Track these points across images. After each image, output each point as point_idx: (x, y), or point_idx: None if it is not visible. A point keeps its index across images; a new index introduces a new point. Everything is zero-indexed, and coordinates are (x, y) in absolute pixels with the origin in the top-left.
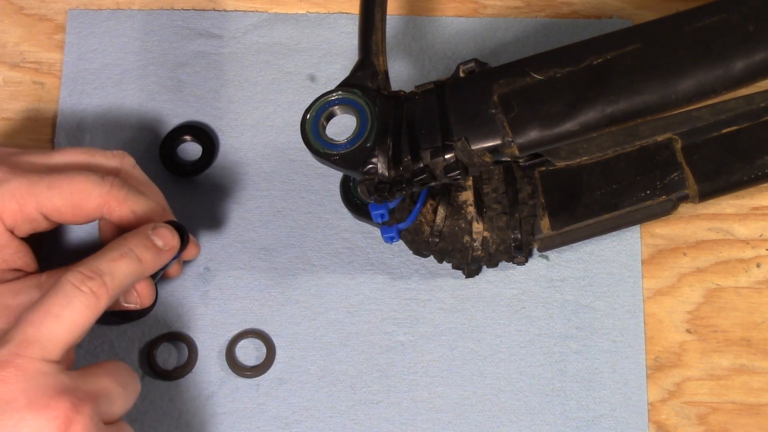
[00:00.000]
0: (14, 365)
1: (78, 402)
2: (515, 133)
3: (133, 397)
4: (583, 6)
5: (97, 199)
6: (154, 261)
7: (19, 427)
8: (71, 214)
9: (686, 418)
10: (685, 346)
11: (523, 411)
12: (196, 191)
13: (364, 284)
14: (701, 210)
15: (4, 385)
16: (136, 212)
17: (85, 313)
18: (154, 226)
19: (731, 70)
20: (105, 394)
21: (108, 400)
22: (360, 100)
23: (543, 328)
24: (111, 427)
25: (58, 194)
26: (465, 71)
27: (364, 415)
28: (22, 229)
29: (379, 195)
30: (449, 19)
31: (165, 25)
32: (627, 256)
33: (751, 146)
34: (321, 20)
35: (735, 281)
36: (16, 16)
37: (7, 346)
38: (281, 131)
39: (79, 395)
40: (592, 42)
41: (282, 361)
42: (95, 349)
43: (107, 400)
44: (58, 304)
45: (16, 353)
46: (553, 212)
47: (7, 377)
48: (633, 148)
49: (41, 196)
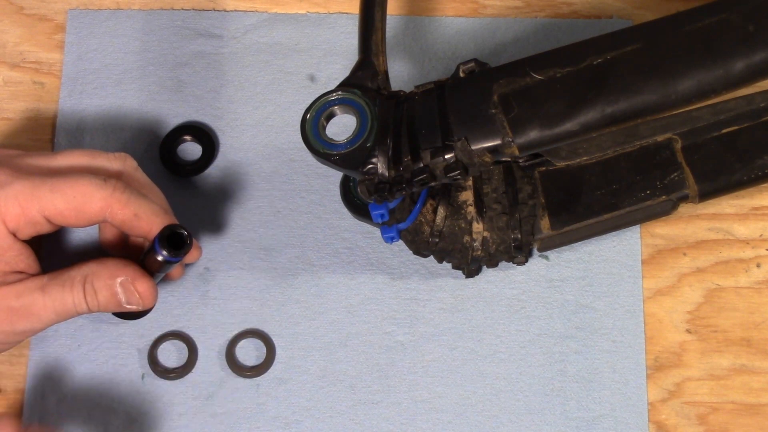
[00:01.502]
0: None
1: None
2: (515, 133)
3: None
4: (583, 6)
5: (99, 203)
6: (107, 306)
7: None
8: (74, 217)
9: (686, 418)
10: (685, 346)
11: (523, 411)
12: (196, 191)
13: (364, 284)
14: (701, 210)
15: None
16: (138, 215)
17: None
18: (134, 278)
19: (731, 70)
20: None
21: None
22: (360, 100)
23: (543, 328)
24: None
25: (60, 197)
26: (465, 71)
27: (364, 415)
28: (25, 232)
29: (379, 195)
30: (449, 19)
31: (165, 25)
32: (627, 256)
33: (751, 146)
34: (321, 20)
35: (735, 281)
36: (16, 16)
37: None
38: (281, 131)
39: None
40: (592, 42)
41: (282, 361)
42: (95, 349)
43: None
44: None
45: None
46: (553, 212)
47: None
48: (633, 148)
49: (44, 199)
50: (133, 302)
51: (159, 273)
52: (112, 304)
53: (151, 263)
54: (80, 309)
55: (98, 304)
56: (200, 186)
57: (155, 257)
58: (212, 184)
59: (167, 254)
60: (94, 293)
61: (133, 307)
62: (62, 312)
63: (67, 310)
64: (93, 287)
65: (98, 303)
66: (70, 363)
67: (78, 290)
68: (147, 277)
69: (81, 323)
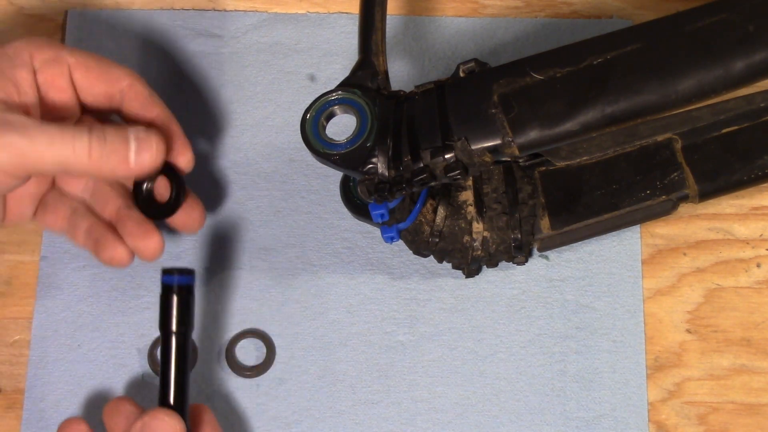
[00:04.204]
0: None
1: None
2: (515, 133)
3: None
4: (583, 6)
5: (123, 71)
6: (111, 156)
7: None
8: (98, 75)
9: (686, 418)
10: (685, 346)
11: (523, 411)
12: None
13: (364, 284)
14: (701, 210)
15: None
16: (154, 107)
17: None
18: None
19: (731, 70)
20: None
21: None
22: (360, 100)
23: (543, 328)
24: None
25: (87, 54)
26: (465, 71)
27: (364, 415)
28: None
29: (379, 195)
30: (449, 19)
31: (165, 25)
32: (627, 256)
33: (751, 146)
34: (321, 20)
35: (735, 281)
36: (16, 16)
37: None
38: (281, 131)
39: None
40: (592, 42)
41: (282, 361)
42: (95, 349)
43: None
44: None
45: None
46: (553, 212)
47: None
48: (633, 148)
49: (75, 53)
50: (144, 151)
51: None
52: (118, 157)
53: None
54: (79, 150)
55: (103, 150)
56: (200, 186)
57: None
58: (212, 183)
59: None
60: (103, 136)
61: (144, 158)
62: (53, 147)
63: (65, 145)
64: (103, 132)
65: (104, 148)
66: (70, 363)
67: (81, 131)
68: (162, 138)
69: (81, 323)
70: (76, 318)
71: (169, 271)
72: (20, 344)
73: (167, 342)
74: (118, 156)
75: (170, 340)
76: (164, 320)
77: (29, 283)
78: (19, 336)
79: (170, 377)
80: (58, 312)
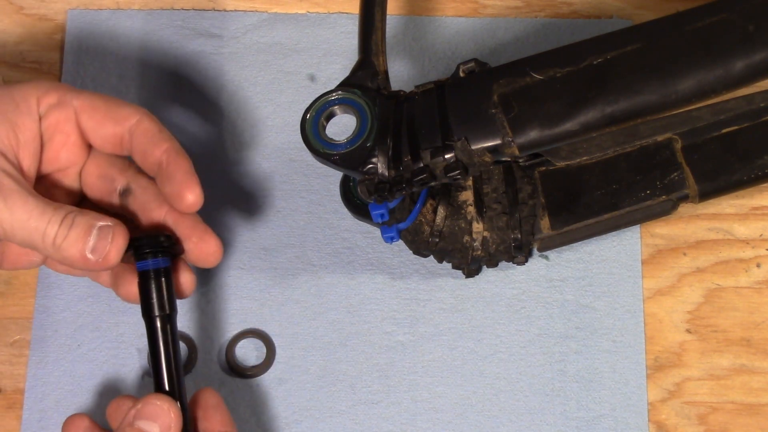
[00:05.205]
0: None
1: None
2: (515, 133)
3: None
4: (583, 6)
5: (132, 109)
6: (70, 249)
7: None
8: (105, 116)
9: (686, 418)
10: (685, 346)
11: (523, 411)
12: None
13: (364, 284)
14: (701, 210)
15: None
16: (163, 142)
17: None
18: (119, 230)
19: (731, 70)
20: None
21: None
22: (360, 100)
23: (543, 328)
24: None
25: (96, 96)
26: (465, 71)
27: (364, 415)
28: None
29: (379, 195)
30: (449, 19)
31: (165, 25)
32: (627, 256)
33: (751, 146)
34: (321, 20)
35: (735, 281)
36: (16, 16)
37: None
38: (281, 131)
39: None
40: (592, 42)
41: (282, 361)
42: (95, 349)
43: None
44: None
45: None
46: (553, 212)
47: None
48: (633, 148)
49: (81, 94)
50: (97, 251)
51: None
52: (76, 249)
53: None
54: (47, 236)
55: (64, 239)
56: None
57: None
58: (212, 184)
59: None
60: (69, 225)
61: (92, 258)
62: (28, 224)
63: (39, 225)
64: (73, 221)
65: (65, 238)
66: (70, 363)
67: (58, 215)
68: (126, 234)
69: (81, 323)
70: (76, 318)
71: (143, 254)
72: (20, 344)
73: (152, 327)
74: (76, 248)
75: (155, 324)
76: (146, 306)
77: (29, 283)
78: (19, 336)
79: (161, 363)
80: (58, 312)
